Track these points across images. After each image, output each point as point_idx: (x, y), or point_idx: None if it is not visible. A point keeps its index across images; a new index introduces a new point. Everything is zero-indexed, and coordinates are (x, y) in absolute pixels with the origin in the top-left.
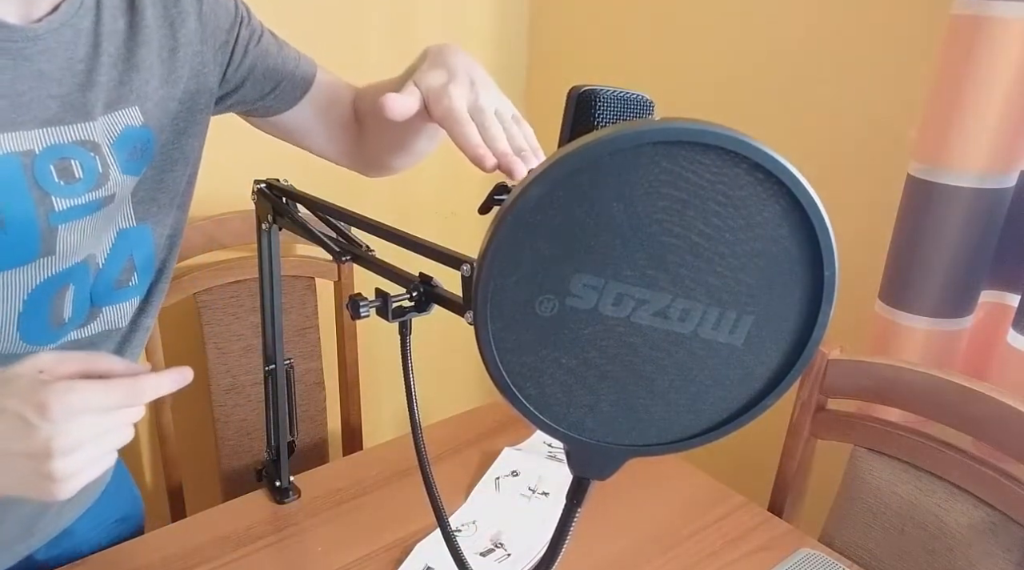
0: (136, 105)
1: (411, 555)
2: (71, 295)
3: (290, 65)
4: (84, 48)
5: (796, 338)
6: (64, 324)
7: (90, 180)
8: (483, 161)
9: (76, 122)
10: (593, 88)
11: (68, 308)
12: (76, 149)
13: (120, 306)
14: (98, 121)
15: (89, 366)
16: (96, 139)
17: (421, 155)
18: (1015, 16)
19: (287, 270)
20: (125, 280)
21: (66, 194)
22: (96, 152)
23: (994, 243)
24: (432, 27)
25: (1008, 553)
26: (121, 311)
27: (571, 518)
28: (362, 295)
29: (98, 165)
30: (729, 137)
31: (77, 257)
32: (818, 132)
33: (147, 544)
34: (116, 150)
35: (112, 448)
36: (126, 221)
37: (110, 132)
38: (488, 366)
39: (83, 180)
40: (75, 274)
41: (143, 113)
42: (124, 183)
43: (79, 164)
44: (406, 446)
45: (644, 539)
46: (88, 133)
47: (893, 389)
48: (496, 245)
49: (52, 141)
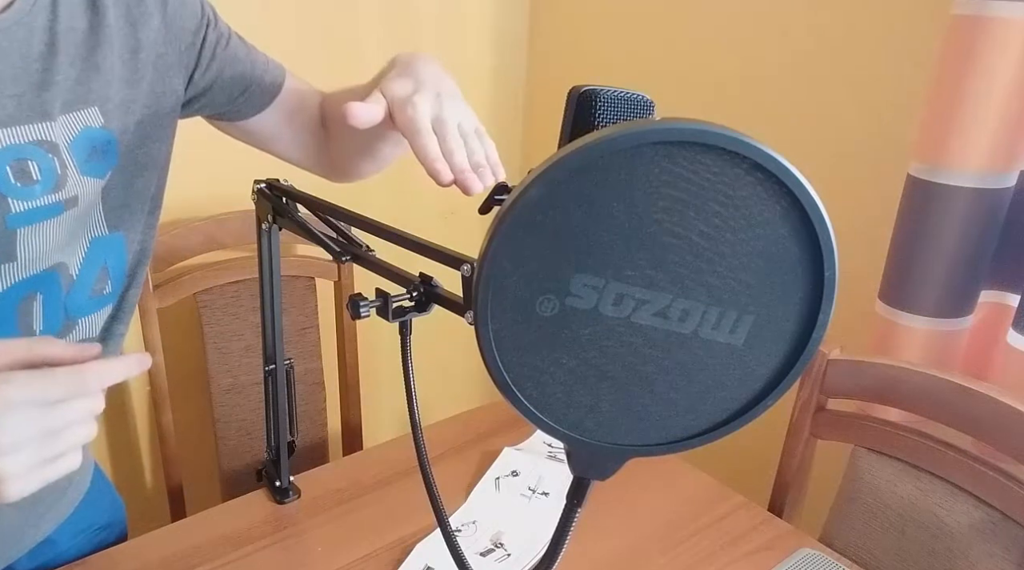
0: (96, 105)
1: (411, 555)
2: (40, 305)
3: (259, 70)
4: (39, 47)
5: (796, 338)
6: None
7: (48, 182)
8: (439, 175)
9: (33, 122)
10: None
11: (38, 320)
12: (34, 149)
13: (94, 316)
14: (56, 121)
15: (32, 354)
16: (54, 139)
17: (387, 161)
18: (1015, 16)
19: (287, 270)
20: (99, 289)
21: (23, 196)
22: (54, 153)
23: (994, 243)
24: (431, 27)
25: (1008, 553)
26: (94, 321)
27: (571, 518)
28: (362, 295)
29: (56, 166)
30: (729, 137)
31: (43, 264)
32: (818, 132)
33: (147, 544)
34: (74, 151)
35: (69, 446)
36: (98, 229)
37: (68, 132)
38: (488, 366)
39: (41, 182)
40: (43, 283)
41: (103, 114)
42: (86, 185)
43: (36, 165)
44: (406, 446)
45: (644, 539)
46: (46, 133)
47: (893, 389)
48: (496, 245)
49: (8, 141)
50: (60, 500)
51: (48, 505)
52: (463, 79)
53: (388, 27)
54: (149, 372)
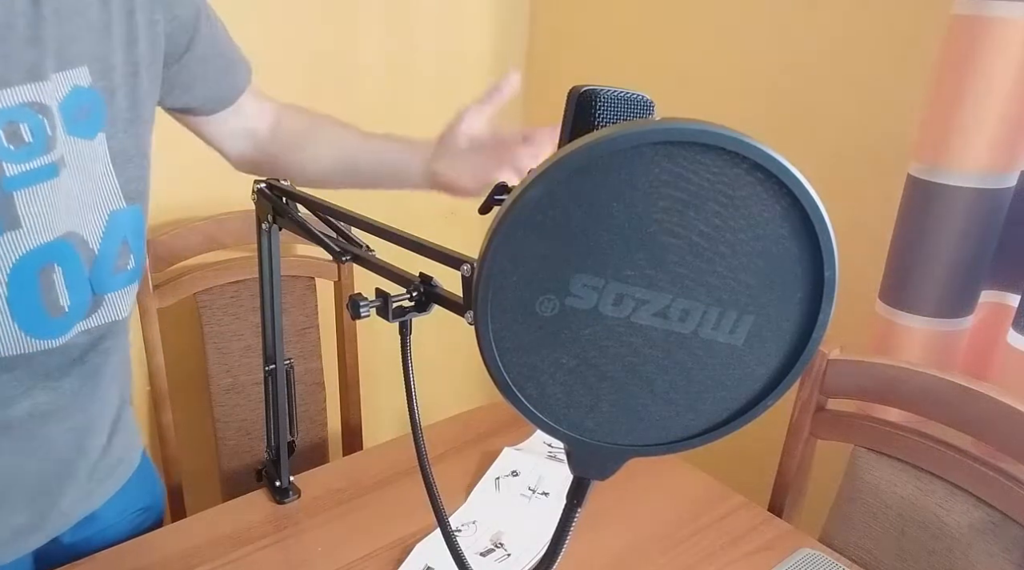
0: (85, 65)
1: (411, 555)
2: (61, 278)
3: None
4: (22, 3)
5: (796, 338)
6: (65, 313)
7: (40, 144)
8: None
9: (24, 83)
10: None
11: (63, 295)
12: (25, 111)
13: (120, 293)
14: (46, 81)
15: None
16: (44, 101)
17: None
18: (1015, 16)
19: (287, 270)
20: (123, 265)
21: (17, 159)
22: (44, 114)
23: (994, 243)
24: (430, 27)
25: (1008, 553)
26: (122, 298)
27: (571, 518)
28: (362, 295)
29: (46, 127)
30: (729, 137)
31: (52, 233)
32: (818, 132)
33: (147, 544)
34: (63, 111)
35: None
36: (116, 202)
37: (58, 92)
38: (488, 366)
39: (32, 144)
40: (57, 253)
41: (92, 73)
42: (74, 146)
43: (28, 127)
44: (406, 446)
45: (644, 539)
46: (36, 94)
47: (893, 389)
48: (496, 245)
49: (1, 105)
50: (110, 476)
51: (99, 480)
52: (463, 79)
53: (388, 27)
54: (149, 372)
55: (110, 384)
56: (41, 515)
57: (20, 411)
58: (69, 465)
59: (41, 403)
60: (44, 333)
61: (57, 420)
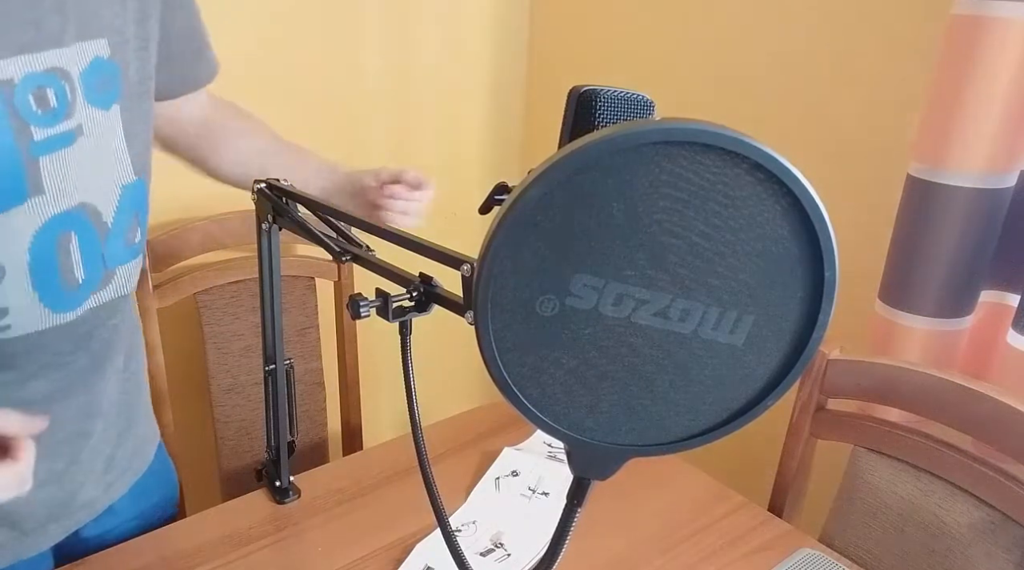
0: (105, 37)
1: (411, 555)
2: (77, 247)
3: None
4: None
5: (796, 338)
6: (80, 286)
7: (62, 109)
8: None
9: (51, 48)
10: (593, 88)
11: (79, 266)
12: (51, 77)
13: (128, 266)
14: (70, 47)
15: None
16: (67, 67)
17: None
18: (1015, 16)
19: (287, 270)
20: (131, 238)
21: (43, 123)
22: (66, 80)
23: (994, 243)
24: (431, 27)
25: (1008, 553)
26: (130, 272)
27: (571, 518)
28: (362, 295)
29: (68, 93)
30: (729, 137)
31: (71, 200)
32: (818, 132)
33: (146, 544)
34: (84, 79)
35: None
36: (127, 175)
37: (80, 61)
38: (489, 366)
39: (56, 109)
40: (74, 221)
41: (111, 46)
42: (91, 114)
43: (53, 93)
44: (406, 446)
45: (644, 539)
46: (61, 60)
47: (893, 389)
48: (496, 245)
49: (30, 69)
50: (128, 468)
51: (118, 472)
52: (463, 79)
53: (388, 27)
54: (149, 372)
55: (117, 362)
56: (62, 504)
57: (35, 391)
58: (77, 447)
59: (54, 381)
60: (60, 306)
61: (65, 399)
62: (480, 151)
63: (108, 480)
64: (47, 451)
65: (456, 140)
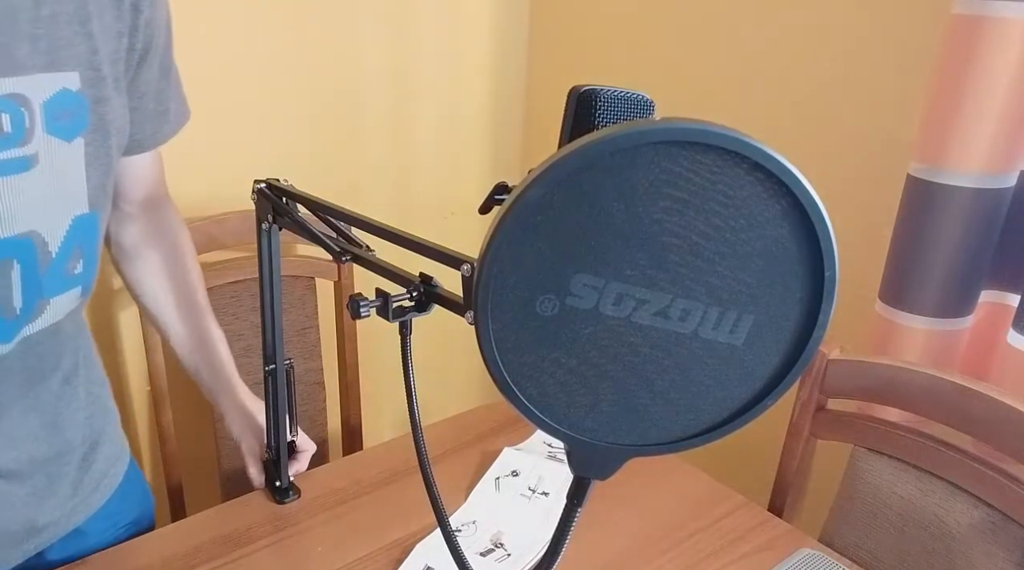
0: (77, 71)
1: (411, 555)
2: (18, 276)
3: (181, 109)
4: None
5: (796, 338)
6: (16, 317)
7: (17, 135)
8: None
9: (12, 75)
10: (593, 88)
11: (17, 294)
12: (7, 102)
13: (63, 297)
14: (35, 76)
15: None
16: (28, 95)
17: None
18: (1015, 16)
19: (287, 270)
20: (72, 268)
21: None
22: (26, 107)
23: (994, 243)
24: (431, 27)
25: (1008, 553)
26: (63, 303)
27: (571, 518)
28: (362, 295)
29: (26, 121)
30: (729, 137)
31: (16, 228)
32: (818, 132)
33: (147, 544)
34: (46, 108)
35: None
36: (80, 207)
37: (44, 91)
38: (489, 366)
39: (11, 135)
40: (19, 250)
41: (82, 79)
42: (50, 144)
43: (9, 118)
44: (406, 446)
45: (644, 539)
46: (22, 87)
47: (893, 389)
48: (496, 245)
49: None
50: (93, 493)
51: (82, 498)
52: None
53: (388, 27)
54: (149, 372)
55: (52, 384)
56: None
57: None
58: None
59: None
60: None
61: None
62: (480, 151)
63: (73, 504)
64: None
65: (456, 140)
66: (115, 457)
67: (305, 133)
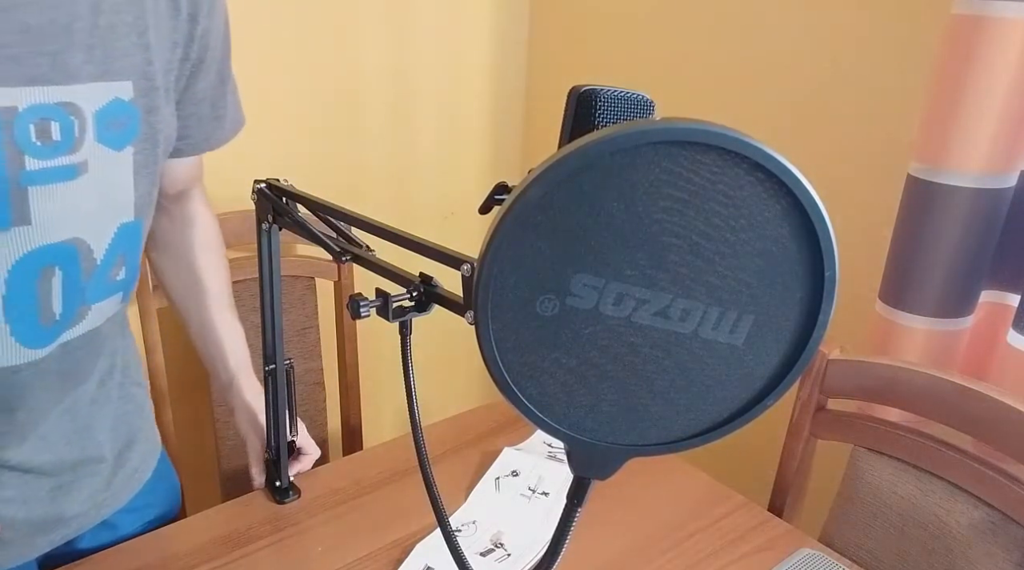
0: (131, 80)
1: (411, 555)
2: (59, 283)
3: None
4: (84, 9)
5: (796, 338)
6: (55, 322)
7: (67, 143)
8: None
9: (64, 83)
10: (593, 88)
11: (58, 300)
12: (58, 111)
13: (104, 303)
14: (87, 85)
15: None
16: (80, 104)
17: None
18: (1015, 16)
19: (287, 270)
20: (114, 275)
21: (40, 155)
22: (77, 116)
23: (994, 243)
24: (431, 27)
25: (1008, 553)
26: (103, 308)
27: (571, 518)
28: (362, 295)
29: (76, 129)
30: (729, 137)
31: (60, 235)
32: (818, 132)
33: (147, 544)
34: (98, 118)
35: None
36: (127, 215)
37: (97, 100)
38: (489, 366)
39: (60, 143)
40: (61, 256)
41: (135, 89)
42: (99, 153)
43: (58, 126)
44: (406, 446)
45: (644, 539)
46: (74, 96)
47: (893, 389)
48: (496, 245)
49: (37, 100)
50: (124, 488)
51: (113, 492)
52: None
53: (388, 27)
54: (149, 372)
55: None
56: (52, 520)
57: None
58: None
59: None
60: (31, 340)
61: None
62: (480, 151)
63: (103, 497)
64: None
65: (456, 140)
66: (149, 453)
67: (305, 133)
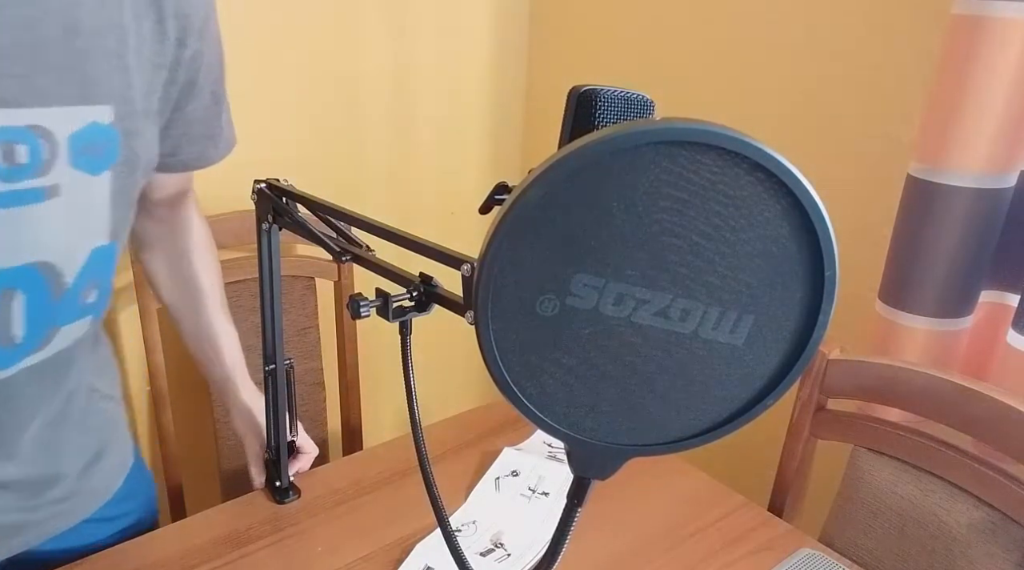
0: (110, 104)
1: (411, 555)
2: (21, 307)
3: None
4: (54, 30)
5: (796, 338)
6: (17, 345)
7: (35, 166)
8: None
9: (35, 106)
10: (593, 88)
11: (19, 323)
12: (27, 133)
13: (74, 325)
14: (62, 109)
15: None
16: (50, 127)
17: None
18: (1015, 16)
19: (287, 270)
20: (85, 297)
21: (5, 178)
22: (47, 139)
23: (994, 243)
24: (431, 28)
25: (1008, 553)
26: (74, 330)
27: (571, 518)
28: (362, 295)
29: (44, 152)
30: (729, 137)
31: (21, 258)
32: (818, 132)
33: (146, 544)
34: (72, 142)
35: None
36: (101, 238)
37: (71, 123)
38: (489, 366)
39: (26, 165)
40: (23, 280)
41: (115, 113)
42: (73, 177)
43: (27, 149)
44: (406, 446)
45: (644, 539)
46: (45, 119)
47: (893, 389)
48: (496, 245)
49: (3, 122)
50: (90, 500)
51: (78, 502)
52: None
53: (388, 28)
54: (149, 372)
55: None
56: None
57: None
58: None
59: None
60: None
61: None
62: (480, 151)
63: (64, 508)
64: None
65: (456, 140)
66: (119, 465)
67: (305, 133)
